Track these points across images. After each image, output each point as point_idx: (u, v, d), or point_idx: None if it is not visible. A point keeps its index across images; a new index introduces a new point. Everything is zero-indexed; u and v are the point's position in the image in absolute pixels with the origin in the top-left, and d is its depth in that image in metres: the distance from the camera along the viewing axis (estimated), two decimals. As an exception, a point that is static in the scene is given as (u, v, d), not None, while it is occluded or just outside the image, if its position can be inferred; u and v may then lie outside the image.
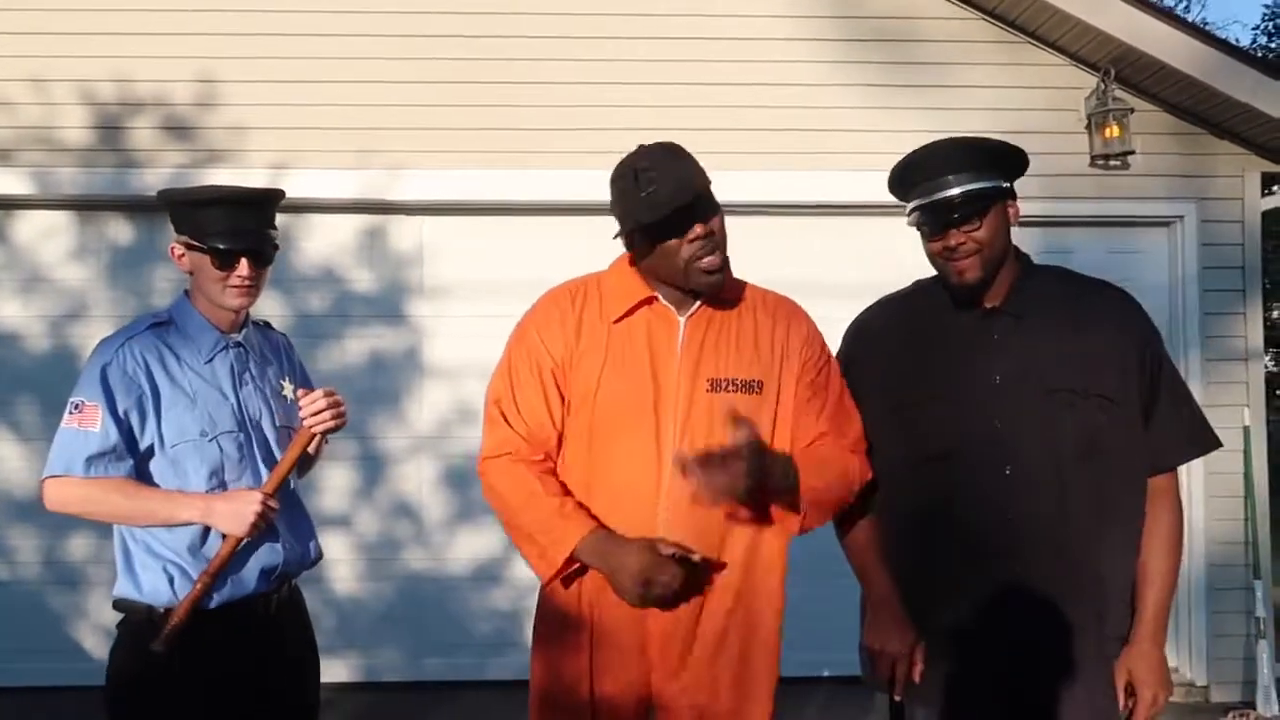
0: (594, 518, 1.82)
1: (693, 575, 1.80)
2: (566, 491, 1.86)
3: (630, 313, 1.89)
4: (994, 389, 1.85)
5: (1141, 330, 1.90)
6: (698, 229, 1.80)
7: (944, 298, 1.94)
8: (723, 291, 1.90)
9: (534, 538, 1.84)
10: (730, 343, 1.90)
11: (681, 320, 1.89)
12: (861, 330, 2.08)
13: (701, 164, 1.86)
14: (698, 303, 1.90)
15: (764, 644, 1.92)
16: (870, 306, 2.12)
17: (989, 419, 1.84)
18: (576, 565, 1.83)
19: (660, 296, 1.89)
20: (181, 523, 1.98)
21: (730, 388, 1.85)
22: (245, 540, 1.99)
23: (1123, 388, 1.84)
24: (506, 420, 1.89)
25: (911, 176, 1.92)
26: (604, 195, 1.93)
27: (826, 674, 4.11)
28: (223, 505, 1.98)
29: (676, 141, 1.90)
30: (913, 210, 1.91)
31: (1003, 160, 1.90)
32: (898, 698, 1.94)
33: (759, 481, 1.75)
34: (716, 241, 1.83)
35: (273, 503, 2.01)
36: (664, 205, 1.76)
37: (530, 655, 1.97)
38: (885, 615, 1.95)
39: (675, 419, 1.83)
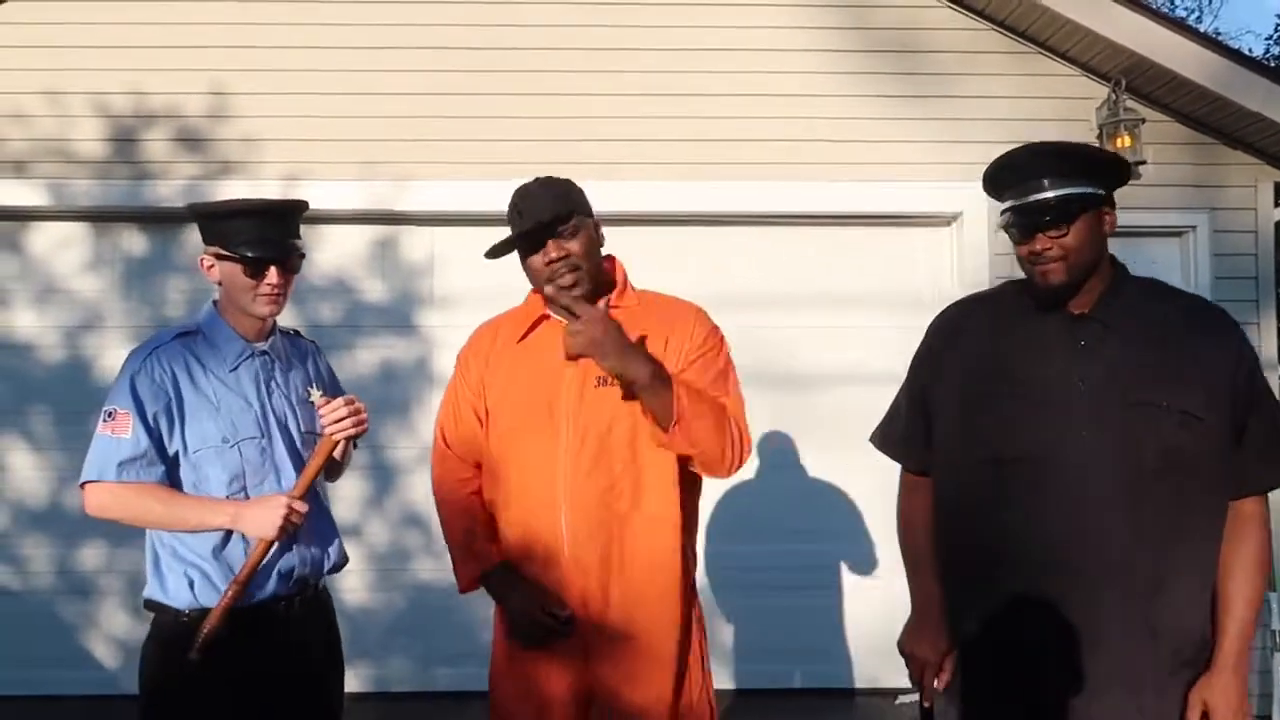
0: (498, 548, 2.11)
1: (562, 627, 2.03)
2: (483, 514, 2.15)
3: (528, 332, 2.14)
4: (1077, 395, 1.81)
5: (1237, 349, 1.84)
6: (551, 249, 2.03)
7: (1030, 300, 1.91)
8: (615, 300, 2.12)
9: (455, 555, 2.18)
10: None
11: None
12: (945, 324, 2.06)
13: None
14: None
15: (659, 638, 2.05)
16: (956, 302, 2.13)
17: (1071, 425, 1.80)
18: (478, 588, 2.16)
19: (552, 313, 2.12)
20: (213, 528, 2.04)
21: (613, 382, 2.00)
22: (276, 544, 2.05)
23: (1211, 406, 1.77)
24: (449, 445, 2.20)
25: (1006, 178, 1.89)
26: (611, 207, 1.96)
27: (797, 685, 4.17)
28: (251, 511, 2.03)
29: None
30: (1005, 211, 1.89)
31: (1100, 168, 1.87)
32: (926, 704, 1.95)
33: (621, 356, 1.91)
34: (573, 263, 2.03)
35: (300, 506, 2.06)
36: (518, 229, 2.06)
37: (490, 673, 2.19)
38: (925, 620, 1.95)
39: (568, 419, 2.03)
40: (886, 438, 2.16)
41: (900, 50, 4.37)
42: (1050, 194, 1.81)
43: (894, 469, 2.20)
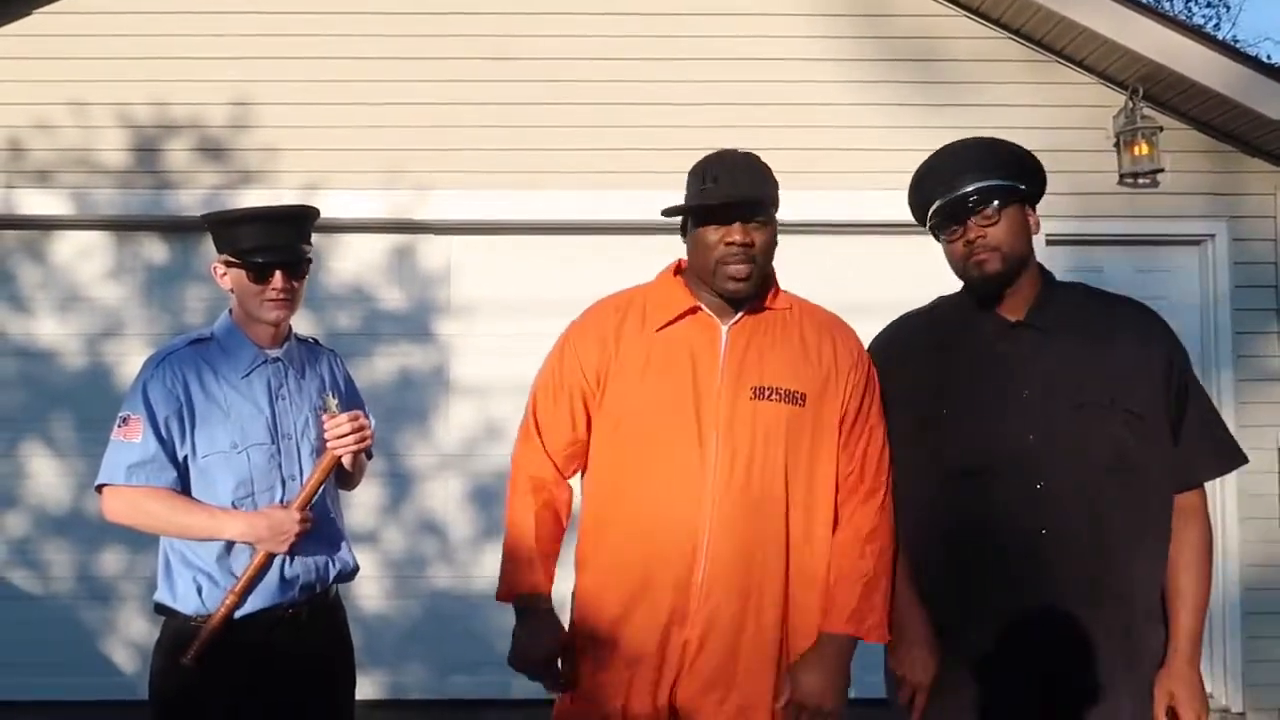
0: (546, 580, 1.92)
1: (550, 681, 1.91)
2: (553, 529, 1.94)
3: (674, 321, 1.90)
4: (1023, 403, 1.83)
5: (1167, 345, 1.88)
6: (737, 231, 1.83)
7: (969, 309, 1.94)
8: (766, 301, 1.93)
9: (504, 563, 1.96)
10: (775, 352, 1.89)
11: (724, 328, 1.90)
12: (885, 346, 2.06)
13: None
14: (740, 312, 1.91)
15: (770, 678, 1.86)
16: (892, 323, 2.11)
17: (1021, 434, 1.82)
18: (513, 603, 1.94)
19: (704, 306, 1.91)
20: (223, 539, 2.05)
21: (774, 396, 1.84)
22: (275, 557, 2.06)
23: (1150, 403, 1.82)
24: (539, 432, 1.96)
25: (927, 183, 1.93)
26: (631, 216, 1.96)
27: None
28: (264, 523, 2.04)
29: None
30: (932, 216, 1.92)
31: (1016, 163, 1.92)
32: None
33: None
34: (752, 253, 1.84)
35: (306, 518, 2.08)
36: (710, 197, 1.83)
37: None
38: (911, 640, 1.91)
39: (717, 426, 1.83)
40: None
41: (916, 59, 4.37)
42: (972, 186, 1.86)
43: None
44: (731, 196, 1.82)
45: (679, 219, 1.97)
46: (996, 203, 1.86)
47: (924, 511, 1.92)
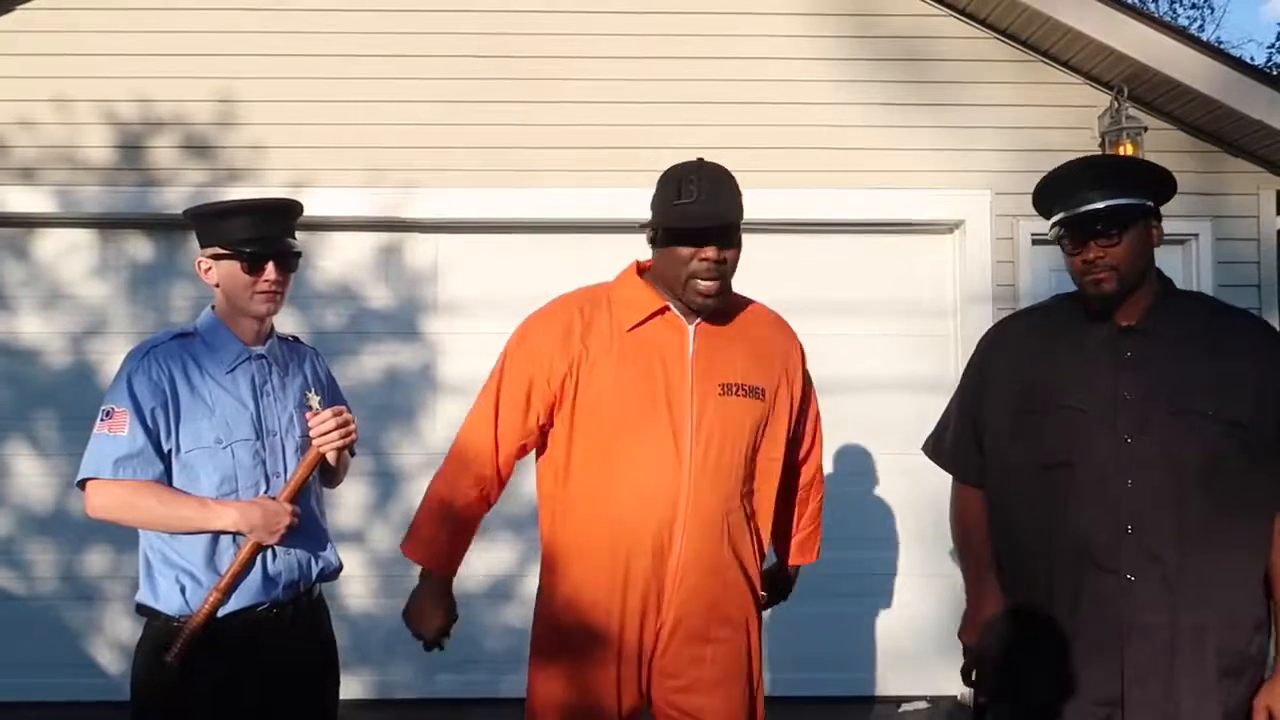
0: (453, 555, 2.07)
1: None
2: (475, 522, 2.08)
3: (644, 322, 1.99)
4: (1122, 403, 1.86)
5: None
6: (712, 252, 1.91)
7: (1080, 311, 1.97)
8: (727, 303, 2.04)
9: (429, 528, 2.09)
10: (737, 350, 2.02)
11: (691, 329, 2.00)
12: (999, 334, 2.14)
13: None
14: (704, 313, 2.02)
15: (746, 655, 2.04)
16: (1008, 316, 2.24)
17: (1116, 432, 1.85)
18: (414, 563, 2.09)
19: (671, 307, 2.00)
20: (214, 530, 2.03)
21: (740, 392, 1.98)
22: (261, 552, 2.05)
23: (1257, 416, 1.82)
24: (496, 419, 2.04)
25: (1057, 190, 1.94)
26: (618, 214, 1.98)
27: (810, 693, 4.16)
28: (257, 512, 2.03)
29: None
30: (1055, 224, 1.94)
31: (1149, 181, 1.94)
32: (983, 699, 2.02)
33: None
34: (723, 270, 1.94)
35: (297, 510, 2.08)
36: (693, 220, 1.90)
37: (535, 669, 2.06)
38: (983, 614, 2.00)
39: (690, 419, 1.94)
40: (938, 449, 2.21)
41: (903, 59, 4.38)
42: (1100, 204, 1.85)
43: (898, 475, 2.23)
44: (714, 220, 1.90)
45: (648, 219, 2.03)
46: (1122, 225, 1.86)
47: (1014, 499, 1.98)
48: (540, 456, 2.11)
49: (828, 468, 4.35)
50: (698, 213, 1.89)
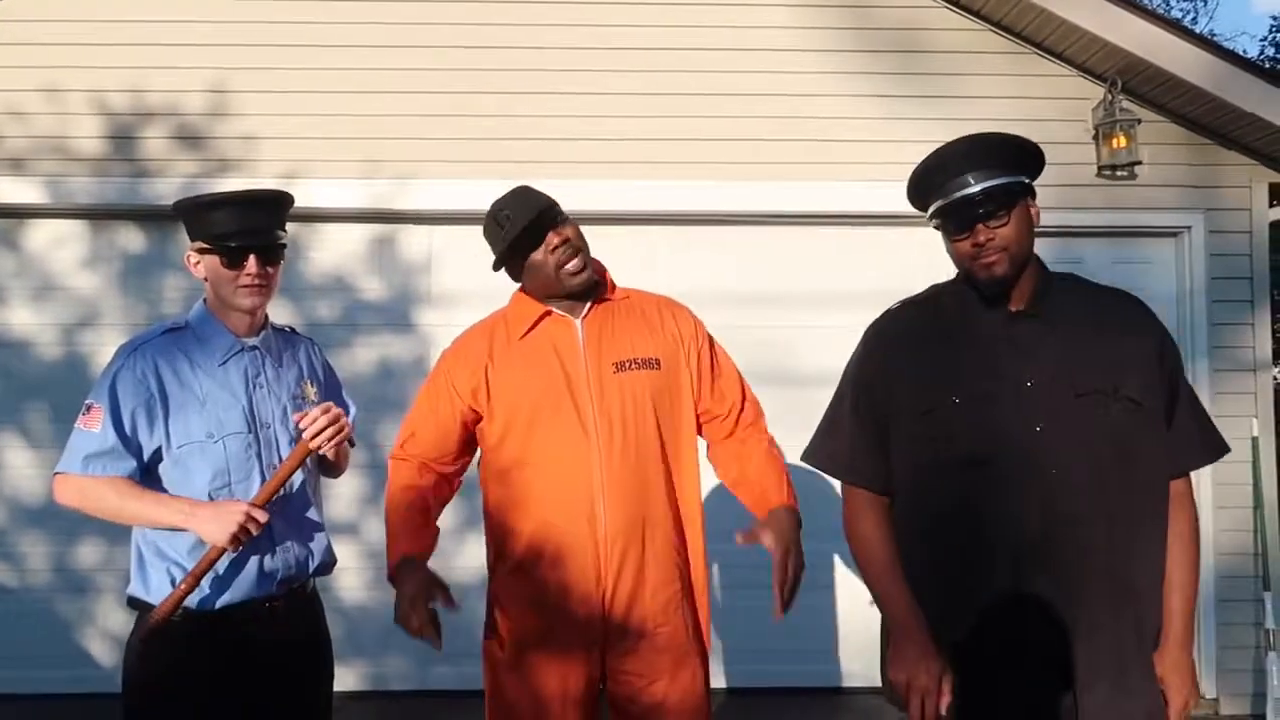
0: (422, 544, 2.19)
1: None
2: (426, 507, 2.20)
3: (533, 327, 2.16)
4: (1028, 392, 1.82)
5: (1159, 334, 1.90)
6: (553, 237, 2.10)
7: (970, 299, 1.92)
8: (606, 294, 2.20)
9: (388, 540, 2.19)
10: (625, 331, 2.18)
11: (578, 322, 2.17)
12: (883, 332, 2.01)
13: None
14: (587, 305, 2.17)
15: (687, 635, 2.14)
16: (889, 309, 2.06)
17: (1029, 422, 1.81)
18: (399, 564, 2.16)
19: (554, 309, 2.16)
20: (165, 526, 2.02)
21: (633, 366, 2.13)
22: (228, 551, 2.00)
23: (1147, 390, 1.83)
24: (404, 455, 2.23)
25: (932, 179, 1.89)
26: (609, 205, 1.98)
27: (786, 684, 4.19)
28: (207, 513, 1.99)
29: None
30: (934, 213, 1.90)
31: (1022, 156, 1.90)
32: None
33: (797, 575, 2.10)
34: (575, 246, 2.11)
35: (259, 515, 2.00)
36: (518, 224, 2.09)
37: (491, 668, 2.19)
38: (910, 644, 1.84)
39: (592, 399, 2.10)
40: (832, 456, 2.00)
41: (898, 50, 4.38)
42: (979, 186, 1.83)
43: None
44: (529, 218, 2.08)
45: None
46: (1005, 205, 1.83)
47: (923, 500, 1.89)
48: (480, 460, 2.26)
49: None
50: (516, 224, 2.09)
